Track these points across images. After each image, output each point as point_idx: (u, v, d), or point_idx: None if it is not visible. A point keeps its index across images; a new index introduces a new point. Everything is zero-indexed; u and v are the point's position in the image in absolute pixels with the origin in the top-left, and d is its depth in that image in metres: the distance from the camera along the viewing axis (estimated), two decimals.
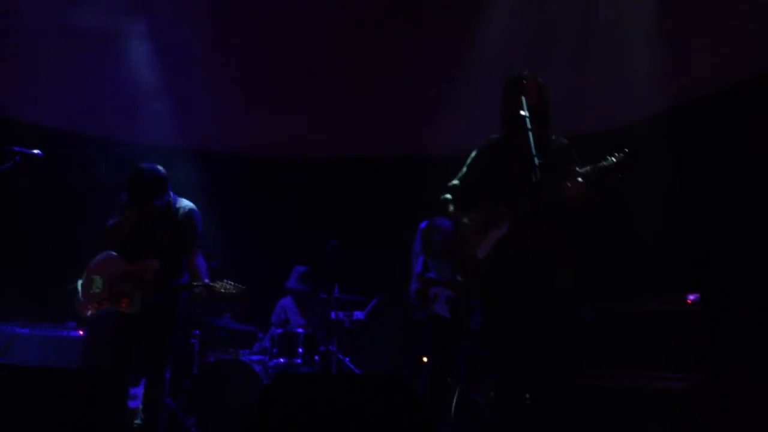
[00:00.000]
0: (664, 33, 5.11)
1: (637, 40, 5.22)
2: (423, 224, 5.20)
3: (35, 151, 4.26)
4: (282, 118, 7.05)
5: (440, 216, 4.90)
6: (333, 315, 5.87)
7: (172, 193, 4.39)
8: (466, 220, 3.52)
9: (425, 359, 5.04)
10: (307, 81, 6.47)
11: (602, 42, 5.30)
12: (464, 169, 3.66)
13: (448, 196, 3.66)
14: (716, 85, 5.70)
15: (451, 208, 3.67)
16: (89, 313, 4.20)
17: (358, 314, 6.27)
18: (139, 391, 4.72)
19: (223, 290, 4.14)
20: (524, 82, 3.34)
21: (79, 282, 4.27)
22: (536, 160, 2.93)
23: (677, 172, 5.46)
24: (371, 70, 6.24)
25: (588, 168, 3.11)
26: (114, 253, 4.27)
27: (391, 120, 6.91)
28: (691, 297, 4.41)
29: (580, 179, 3.09)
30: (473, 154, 3.65)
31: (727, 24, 5.09)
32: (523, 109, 3.12)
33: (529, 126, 3.07)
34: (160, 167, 4.29)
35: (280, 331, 5.85)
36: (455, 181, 3.67)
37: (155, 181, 4.22)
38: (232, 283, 4.17)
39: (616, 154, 3.04)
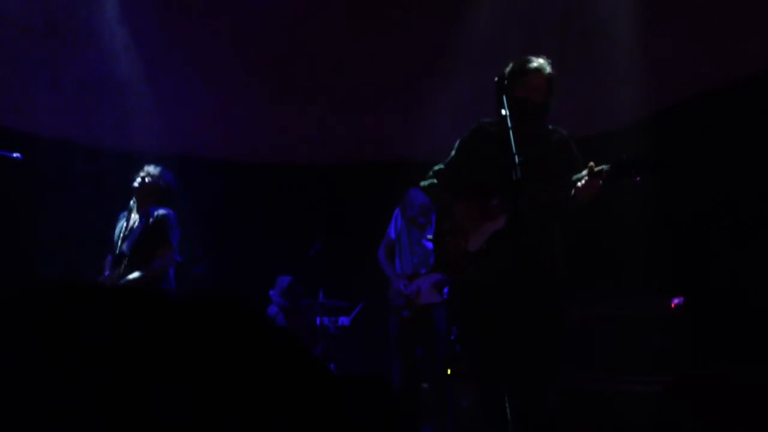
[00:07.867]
0: (644, 38, 5.14)
1: (617, 45, 5.24)
2: (397, 210, 5.14)
3: (15, 155, 4.19)
4: (267, 124, 7.03)
5: (413, 189, 4.85)
6: (318, 321, 5.81)
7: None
8: (457, 209, 3.36)
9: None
10: (289, 86, 6.44)
11: (582, 47, 5.32)
12: (453, 154, 3.50)
13: (432, 181, 3.51)
14: (696, 89, 5.75)
15: (438, 193, 3.51)
16: None
17: (344, 320, 6.22)
18: None
19: None
20: (529, 75, 3.21)
21: None
22: (516, 159, 2.86)
23: (661, 176, 5.46)
24: (352, 75, 6.22)
25: (604, 166, 2.94)
26: None
27: (375, 124, 6.89)
28: (675, 301, 4.39)
29: (595, 177, 2.94)
30: (463, 138, 3.50)
31: (706, 29, 5.12)
32: (504, 108, 3.00)
33: (509, 124, 2.94)
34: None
35: None
36: (441, 166, 3.52)
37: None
38: None
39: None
